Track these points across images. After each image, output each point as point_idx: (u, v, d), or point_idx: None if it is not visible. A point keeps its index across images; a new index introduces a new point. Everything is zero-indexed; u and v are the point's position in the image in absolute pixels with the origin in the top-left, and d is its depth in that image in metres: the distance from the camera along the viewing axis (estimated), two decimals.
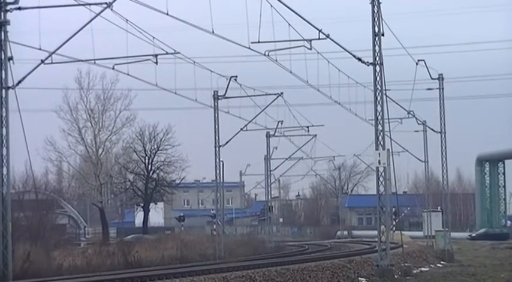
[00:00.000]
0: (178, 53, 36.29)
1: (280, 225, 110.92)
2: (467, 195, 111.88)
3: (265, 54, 34.40)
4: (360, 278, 32.46)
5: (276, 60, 34.97)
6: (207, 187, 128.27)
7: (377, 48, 33.26)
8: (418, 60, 44.92)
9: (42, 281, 27.98)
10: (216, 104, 49.90)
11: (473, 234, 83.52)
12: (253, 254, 52.18)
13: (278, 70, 36.68)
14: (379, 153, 33.00)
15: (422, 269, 39.50)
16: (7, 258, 29.17)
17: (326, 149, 76.99)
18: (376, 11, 33.18)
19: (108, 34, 38.67)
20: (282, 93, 51.31)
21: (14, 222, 31.94)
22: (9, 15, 29.90)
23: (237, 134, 53.09)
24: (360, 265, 34.80)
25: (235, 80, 46.63)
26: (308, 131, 64.91)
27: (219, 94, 49.43)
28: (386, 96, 34.66)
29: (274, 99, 51.14)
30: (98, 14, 30.53)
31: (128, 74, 36.61)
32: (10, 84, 29.96)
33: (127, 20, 31.57)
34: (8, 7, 29.78)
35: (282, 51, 34.78)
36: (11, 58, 29.96)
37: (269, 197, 76.78)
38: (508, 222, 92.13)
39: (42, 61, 31.80)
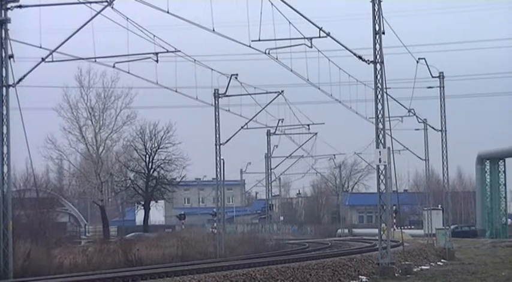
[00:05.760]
0: (179, 51, 36.33)
1: (281, 223, 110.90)
2: (468, 193, 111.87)
3: (265, 53, 34.42)
4: (360, 276, 32.44)
5: (277, 59, 35.00)
6: (208, 185, 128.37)
7: (377, 46, 33.25)
8: (419, 59, 44.90)
9: (42, 279, 27.96)
10: (216, 102, 49.93)
11: None
12: (253, 252, 52.23)
13: (279, 68, 36.73)
14: (380, 152, 32.99)
15: (423, 267, 39.45)
16: (8, 256, 29.22)
17: (327, 147, 77.15)
18: (376, 9, 33.18)
19: (109, 32, 38.78)
20: (282, 91, 51.33)
21: (14, 220, 31.96)
22: (10, 13, 29.97)
23: (237, 132, 53.16)
24: (361, 263, 34.78)
25: (236, 78, 46.65)
26: (309, 129, 65.03)
27: (219, 92, 49.47)
28: (386, 94, 34.66)
29: (275, 98, 51.16)
30: (99, 12, 30.55)
31: (128, 72, 36.66)
32: (11, 82, 30.03)
33: (127, 18, 31.63)
34: (9, 5, 29.85)
35: (283, 49, 34.81)
36: (11, 56, 30.02)
37: (270, 195, 76.79)
38: (509, 220, 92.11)
39: (43, 59, 31.84)
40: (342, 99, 43.83)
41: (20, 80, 30.56)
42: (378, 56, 33.26)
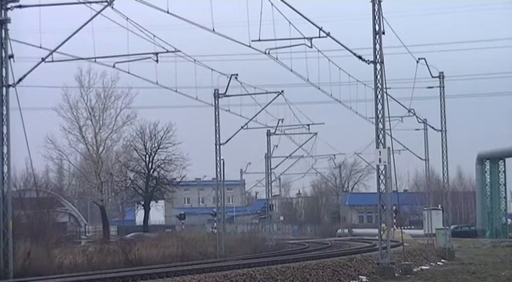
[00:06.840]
0: (179, 51, 36.35)
1: (281, 223, 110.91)
2: (468, 193, 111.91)
3: (265, 53, 34.43)
4: (360, 276, 32.44)
5: (277, 59, 35.02)
6: (208, 185, 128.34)
7: (377, 46, 33.26)
8: (419, 59, 44.91)
9: (42, 279, 27.94)
10: (216, 102, 49.93)
11: None
12: (253, 252, 52.21)
13: (279, 68, 36.75)
14: (380, 152, 33.00)
15: (423, 267, 39.46)
16: (8, 256, 29.23)
17: (327, 147, 77.13)
18: (376, 9, 33.18)
19: (109, 32, 38.78)
20: (282, 91, 51.35)
21: (14, 220, 31.96)
22: (10, 13, 29.99)
23: (237, 132, 53.18)
24: (361, 263, 34.78)
25: (236, 78, 46.66)
26: (309, 129, 65.03)
27: (219, 92, 49.47)
28: (386, 94, 34.66)
29: (275, 98, 51.18)
30: (99, 12, 30.57)
31: (128, 72, 36.71)
32: (11, 82, 30.04)
33: (127, 18, 31.65)
34: (9, 5, 29.87)
35: (283, 49, 34.84)
36: (11, 56, 30.03)
37: (270, 195, 76.78)
38: (509, 220, 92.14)
39: (43, 59, 31.86)
40: (342, 99, 43.89)
41: (20, 80, 30.57)
42: (378, 56, 33.27)
